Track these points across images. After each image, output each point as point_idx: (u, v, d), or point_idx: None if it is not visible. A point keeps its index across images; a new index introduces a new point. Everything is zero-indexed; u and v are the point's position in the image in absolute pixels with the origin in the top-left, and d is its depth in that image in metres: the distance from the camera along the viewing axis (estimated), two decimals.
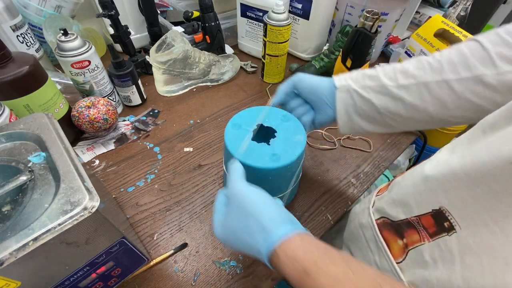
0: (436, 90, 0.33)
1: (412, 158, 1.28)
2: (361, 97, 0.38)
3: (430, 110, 0.34)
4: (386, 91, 0.36)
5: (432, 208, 0.28)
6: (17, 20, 0.56)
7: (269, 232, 0.26)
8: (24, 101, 0.43)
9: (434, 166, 0.29)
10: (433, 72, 0.33)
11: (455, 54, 0.32)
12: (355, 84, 0.38)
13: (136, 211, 0.46)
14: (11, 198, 0.25)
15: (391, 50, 0.83)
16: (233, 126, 0.39)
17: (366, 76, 0.38)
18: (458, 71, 0.31)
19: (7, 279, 0.21)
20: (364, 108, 0.38)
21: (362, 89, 0.37)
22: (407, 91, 0.35)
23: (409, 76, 0.34)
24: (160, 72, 0.62)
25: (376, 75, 0.37)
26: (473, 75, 0.30)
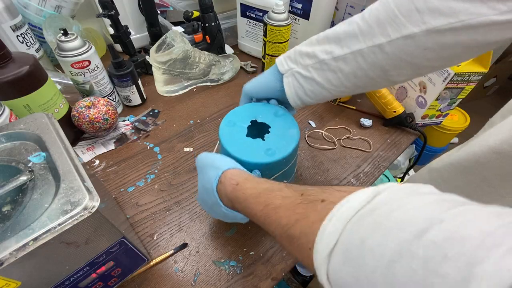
0: (370, 55, 0.32)
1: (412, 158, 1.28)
2: (304, 78, 0.37)
3: (370, 74, 0.34)
4: (325, 65, 0.35)
5: None
6: (17, 20, 0.56)
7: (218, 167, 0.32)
8: (24, 101, 0.43)
9: (439, 160, 0.33)
10: (364, 37, 0.32)
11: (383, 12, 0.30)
12: (297, 65, 0.38)
13: (136, 211, 0.46)
14: (11, 198, 0.25)
15: None
16: (227, 123, 0.40)
17: (304, 54, 0.37)
18: (387, 32, 0.30)
19: (7, 279, 0.21)
20: (310, 88, 0.38)
21: (303, 69, 0.37)
22: (344, 61, 0.34)
23: (343, 45, 0.34)
24: (160, 72, 0.62)
25: (312, 52, 0.36)
26: (403, 35, 0.29)
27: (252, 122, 0.40)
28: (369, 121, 0.63)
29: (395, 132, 0.63)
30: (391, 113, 0.61)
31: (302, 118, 0.64)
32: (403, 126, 0.62)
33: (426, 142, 0.60)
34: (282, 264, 0.41)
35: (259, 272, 0.40)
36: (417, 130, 0.61)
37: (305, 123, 0.63)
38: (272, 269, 0.40)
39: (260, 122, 0.40)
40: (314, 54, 0.36)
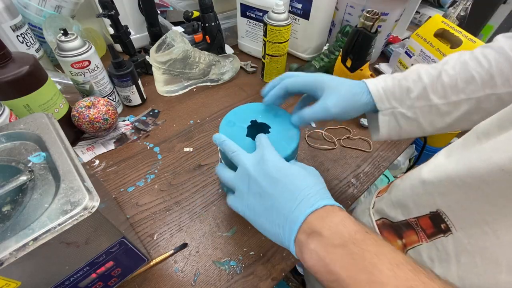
0: (485, 102, 0.32)
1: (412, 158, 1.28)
2: (407, 119, 0.35)
3: (473, 119, 0.33)
4: (435, 109, 0.34)
5: (430, 211, 0.28)
6: (17, 20, 0.56)
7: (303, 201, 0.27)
8: (24, 101, 0.43)
9: (431, 170, 0.29)
10: (484, 86, 0.32)
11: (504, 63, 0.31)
12: (401, 106, 0.35)
13: (136, 211, 0.46)
14: (11, 198, 0.25)
15: (391, 50, 0.83)
16: (227, 123, 0.40)
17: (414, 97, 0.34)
18: (510, 83, 0.30)
19: (7, 279, 0.21)
20: (409, 127, 0.36)
21: (408, 111, 0.35)
22: (456, 107, 0.33)
23: (459, 91, 0.33)
24: (160, 72, 0.62)
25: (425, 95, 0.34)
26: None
27: (252, 122, 0.40)
28: None
29: None
30: None
31: None
32: None
33: (426, 142, 0.60)
34: (282, 264, 0.41)
35: (259, 272, 0.40)
36: None
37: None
38: (272, 269, 0.40)
39: (260, 122, 0.40)
40: (427, 97, 0.34)
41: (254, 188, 0.30)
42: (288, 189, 0.28)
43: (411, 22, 0.94)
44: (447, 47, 0.55)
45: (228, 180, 0.34)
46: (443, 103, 0.34)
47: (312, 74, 0.38)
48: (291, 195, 0.27)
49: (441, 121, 0.35)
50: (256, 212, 0.30)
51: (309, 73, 0.38)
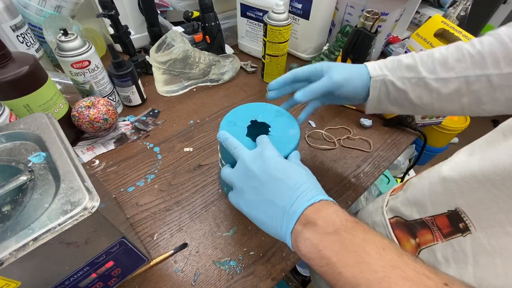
0: (475, 83, 0.32)
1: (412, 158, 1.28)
2: (396, 88, 0.37)
3: (463, 101, 0.34)
4: (423, 83, 0.35)
5: (448, 209, 0.28)
6: (17, 20, 0.56)
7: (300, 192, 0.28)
8: (24, 101, 0.43)
9: (452, 168, 0.29)
10: (474, 65, 0.32)
11: (498, 46, 0.31)
12: (392, 74, 0.37)
13: (136, 211, 0.46)
14: (11, 198, 0.25)
15: (391, 50, 0.83)
16: (227, 123, 0.40)
17: (403, 65, 0.37)
18: (500, 65, 0.31)
19: (7, 279, 0.21)
20: (397, 96, 0.38)
21: (398, 80, 0.37)
22: (445, 84, 0.34)
23: (449, 68, 0.34)
24: (160, 72, 0.62)
25: (414, 65, 0.36)
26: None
27: (252, 122, 0.40)
28: (369, 121, 0.63)
29: (395, 132, 0.63)
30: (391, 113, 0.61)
31: None
32: (403, 126, 0.62)
33: (426, 142, 0.60)
34: (282, 264, 0.41)
35: (259, 272, 0.40)
36: (417, 130, 0.61)
37: (305, 123, 0.63)
38: (272, 269, 0.40)
39: (260, 122, 0.40)
40: (416, 68, 0.36)
41: (251, 182, 0.31)
42: (286, 184, 0.29)
43: (411, 22, 0.94)
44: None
45: (226, 175, 0.34)
46: (432, 78, 0.35)
47: (315, 64, 0.41)
48: (289, 190, 0.28)
49: (429, 96, 0.36)
50: (252, 206, 0.31)
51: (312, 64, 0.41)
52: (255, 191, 0.30)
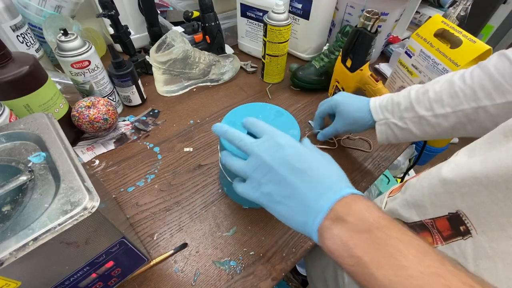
0: (473, 115, 0.34)
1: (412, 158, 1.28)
2: (400, 128, 0.41)
3: (467, 128, 0.36)
4: (424, 121, 0.38)
5: (449, 212, 0.28)
6: (17, 20, 0.56)
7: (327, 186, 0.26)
8: (24, 101, 0.43)
9: (452, 169, 0.28)
10: (467, 100, 0.34)
11: (486, 78, 0.33)
12: (393, 117, 0.41)
13: (136, 211, 0.46)
14: (11, 198, 0.25)
15: (391, 50, 0.83)
16: (227, 123, 0.40)
17: (401, 107, 0.40)
18: (492, 97, 0.32)
19: (7, 279, 0.21)
20: (403, 135, 0.42)
21: (400, 121, 0.41)
22: (445, 118, 0.36)
23: (445, 105, 0.36)
24: (160, 72, 0.62)
25: (410, 107, 0.39)
26: (508, 101, 0.31)
27: None
28: None
29: None
30: None
31: (302, 118, 0.64)
32: None
33: (426, 142, 0.60)
34: (282, 264, 0.41)
35: (259, 272, 0.40)
36: None
37: (305, 123, 0.63)
38: (272, 269, 0.40)
39: None
40: (413, 109, 0.39)
41: (271, 176, 0.28)
42: (311, 177, 0.27)
43: (411, 22, 0.94)
44: (447, 47, 0.55)
45: (238, 168, 0.32)
46: (430, 115, 0.38)
47: (330, 99, 0.51)
48: (315, 184, 0.26)
49: (432, 130, 0.39)
50: (274, 200, 0.28)
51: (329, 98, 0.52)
52: (275, 184, 0.28)
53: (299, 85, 0.70)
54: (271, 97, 0.69)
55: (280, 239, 0.43)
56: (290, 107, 0.67)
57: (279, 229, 0.44)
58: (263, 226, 0.45)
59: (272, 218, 0.46)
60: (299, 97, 0.70)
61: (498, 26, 1.60)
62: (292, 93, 0.71)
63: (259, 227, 0.45)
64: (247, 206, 0.47)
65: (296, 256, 0.42)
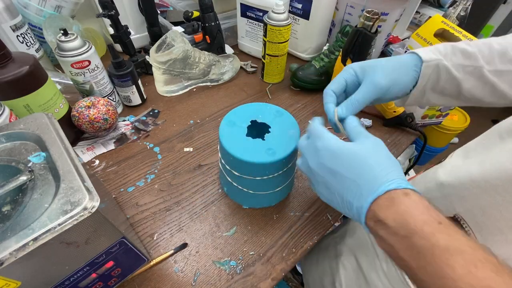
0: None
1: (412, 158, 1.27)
2: (450, 76, 0.32)
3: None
4: (480, 74, 0.31)
5: (446, 216, 0.27)
6: (17, 20, 0.56)
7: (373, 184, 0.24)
8: (24, 101, 0.43)
9: (449, 172, 0.28)
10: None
11: None
12: (447, 60, 0.32)
13: (136, 211, 0.46)
14: (11, 198, 0.25)
15: (391, 50, 0.83)
16: (227, 123, 0.40)
17: (459, 51, 0.32)
18: None
19: (7, 279, 0.21)
20: (446, 87, 0.33)
21: (454, 67, 0.32)
22: (501, 77, 0.31)
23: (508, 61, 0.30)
24: (160, 72, 0.62)
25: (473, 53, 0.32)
26: None
27: (252, 122, 0.40)
28: (369, 121, 0.63)
29: (395, 132, 0.62)
30: (391, 113, 0.61)
31: (302, 118, 0.64)
32: (403, 126, 0.62)
33: (426, 142, 0.60)
34: (282, 264, 0.41)
35: (259, 272, 0.40)
36: (417, 130, 0.61)
37: (305, 123, 0.63)
38: (272, 269, 0.40)
39: (260, 122, 0.40)
40: (475, 57, 0.32)
41: (316, 178, 0.29)
42: (347, 178, 0.25)
43: (411, 22, 0.94)
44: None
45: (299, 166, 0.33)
46: (489, 70, 0.31)
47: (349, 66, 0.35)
48: (351, 184, 0.25)
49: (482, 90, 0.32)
50: (325, 197, 0.29)
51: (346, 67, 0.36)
52: (322, 186, 0.28)
53: (299, 85, 0.70)
54: (271, 97, 0.69)
55: (280, 239, 0.43)
56: (290, 107, 0.67)
57: (279, 229, 0.44)
58: (263, 226, 0.45)
59: (272, 218, 0.46)
60: (299, 97, 0.70)
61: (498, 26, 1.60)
62: (292, 93, 0.71)
63: (259, 227, 0.45)
64: (247, 206, 0.47)
65: (296, 256, 0.42)
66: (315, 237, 0.44)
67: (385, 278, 0.35)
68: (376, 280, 0.37)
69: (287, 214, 0.47)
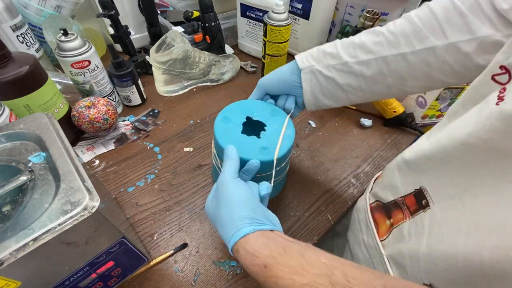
0: (393, 63, 0.34)
1: None
2: (325, 77, 0.38)
3: (388, 82, 0.36)
4: (348, 68, 0.37)
5: (414, 188, 0.31)
6: (17, 20, 0.56)
7: (236, 227, 0.28)
8: (24, 101, 0.43)
9: (411, 151, 0.33)
10: (389, 46, 0.34)
11: (408, 26, 0.33)
12: (318, 64, 0.39)
13: (136, 211, 0.46)
14: (11, 198, 0.25)
15: None
16: (222, 119, 0.39)
17: (327, 54, 0.38)
18: (412, 43, 0.33)
19: (7, 279, 0.21)
20: (328, 87, 0.39)
21: (325, 69, 0.38)
22: (367, 66, 0.36)
23: (368, 51, 0.35)
24: (160, 72, 0.62)
25: (336, 53, 0.38)
26: (426, 47, 0.32)
27: (247, 119, 0.40)
28: (369, 121, 0.63)
29: (395, 132, 0.63)
30: (391, 113, 0.61)
31: (302, 118, 0.64)
32: (403, 126, 0.62)
33: None
34: None
35: None
36: (417, 130, 0.61)
37: (305, 123, 0.63)
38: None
39: (255, 120, 0.40)
40: (338, 55, 0.37)
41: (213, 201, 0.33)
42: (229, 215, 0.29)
43: None
44: None
45: None
46: (354, 62, 0.36)
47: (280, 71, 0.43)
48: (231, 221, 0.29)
49: (355, 81, 0.37)
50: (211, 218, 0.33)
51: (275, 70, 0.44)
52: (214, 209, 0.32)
53: None
54: None
55: None
56: None
57: None
58: None
59: None
60: None
61: None
62: None
63: None
64: None
65: None
66: (315, 237, 0.44)
67: (365, 249, 0.39)
68: (358, 251, 0.41)
69: (287, 214, 0.47)
